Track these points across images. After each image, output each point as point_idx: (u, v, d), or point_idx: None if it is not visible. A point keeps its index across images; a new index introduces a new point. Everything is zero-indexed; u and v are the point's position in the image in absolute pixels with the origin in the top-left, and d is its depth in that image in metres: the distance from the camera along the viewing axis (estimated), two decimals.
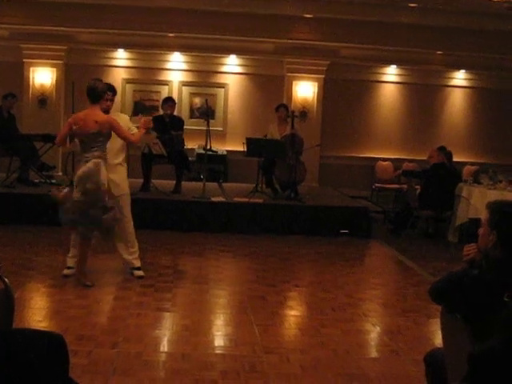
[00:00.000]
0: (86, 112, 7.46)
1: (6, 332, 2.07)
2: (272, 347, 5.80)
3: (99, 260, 8.63)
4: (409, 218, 12.10)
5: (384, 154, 15.96)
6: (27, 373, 1.96)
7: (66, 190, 7.52)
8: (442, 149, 12.22)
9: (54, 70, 14.79)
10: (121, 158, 8.00)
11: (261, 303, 7.24)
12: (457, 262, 4.05)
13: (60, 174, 13.41)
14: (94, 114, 7.39)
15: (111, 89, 7.88)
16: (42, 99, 14.69)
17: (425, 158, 12.61)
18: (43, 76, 14.76)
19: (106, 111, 7.62)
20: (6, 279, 2.77)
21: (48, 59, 14.72)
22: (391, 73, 16.19)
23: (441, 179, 11.74)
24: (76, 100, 11.94)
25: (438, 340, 5.20)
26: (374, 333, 6.63)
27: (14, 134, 12.32)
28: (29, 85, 14.73)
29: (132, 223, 8.02)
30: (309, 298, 7.90)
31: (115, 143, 7.70)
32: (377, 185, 15.33)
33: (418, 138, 16.03)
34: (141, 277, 7.97)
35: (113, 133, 7.48)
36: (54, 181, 12.33)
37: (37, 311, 6.80)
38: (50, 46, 14.48)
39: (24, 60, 14.69)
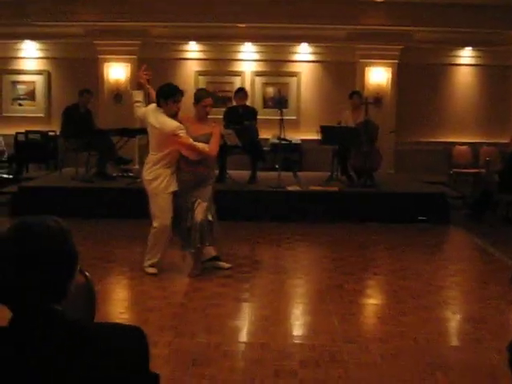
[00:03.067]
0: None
1: (90, 326, 2.10)
2: (351, 336, 5.78)
3: (177, 252, 8.72)
4: (488, 203, 11.85)
5: (461, 139, 15.66)
6: (110, 367, 1.98)
7: None
8: None
9: (128, 65, 14.97)
10: None
11: (339, 292, 7.21)
12: None
13: (137, 167, 13.59)
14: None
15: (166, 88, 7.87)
16: (117, 94, 14.89)
17: (503, 141, 12.32)
18: (118, 71, 14.96)
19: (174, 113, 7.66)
20: (86, 273, 2.81)
21: (122, 55, 14.91)
22: (466, 55, 15.88)
23: None
24: (150, 94, 12.04)
25: None
26: (454, 321, 6.53)
27: (91, 129, 12.53)
28: (104, 80, 14.97)
29: None
30: (387, 286, 7.83)
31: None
32: (454, 170, 15.06)
33: (496, 120, 15.69)
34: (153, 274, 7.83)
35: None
36: (131, 174, 12.51)
37: (118, 303, 6.94)
38: (123, 42, 14.65)
39: (98, 56, 14.92)
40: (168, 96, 7.48)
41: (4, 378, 1.91)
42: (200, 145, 7.43)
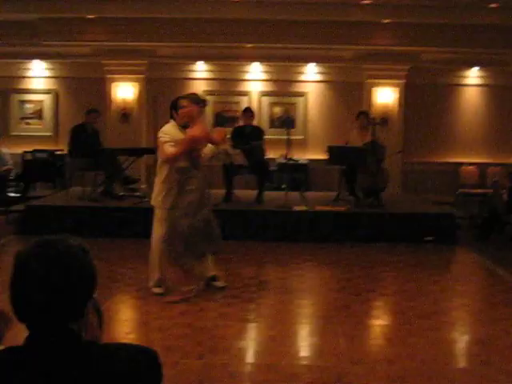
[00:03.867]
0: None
1: (99, 346, 2.10)
2: (358, 358, 5.74)
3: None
4: (496, 224, 11.81)
5: (468, 159, 15.65)
6: None
7: None
8: None
9: (136, 84, 15.03)
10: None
11: (346, 313, 7.18)
12: None
13: (144, 186, 13.60)
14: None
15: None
16: (125, 114, 14.94)
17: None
18: (125, 91, 15.02)
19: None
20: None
21: (129, 74, 14.98)
22: (473, 75, 15.90)
23: None
24: (158, 114, 12.10)
25: None
26: (462, 342, 6.49)
27: (99, 148, 12.56)
28: (111, 100, 15.03)
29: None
30: (394, 306, 7.79)
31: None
32: (461, 190, 15.03)
33: (504, 141, 15.68)
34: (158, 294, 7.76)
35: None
36: (138, 193, 12.52)
37: (125, 323, 6.91)
38: (130, 61, 14.74)
39: (106, 76, 15.00)
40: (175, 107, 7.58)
41: None
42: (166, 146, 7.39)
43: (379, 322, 7.23)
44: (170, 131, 7.50)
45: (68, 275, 1.96)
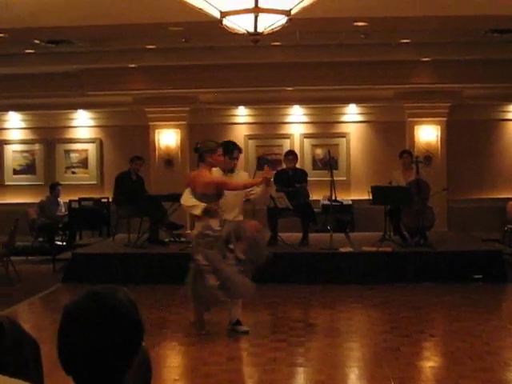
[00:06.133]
0: (196, 173, 7.70)
1: None
2: None
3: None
4: None
5: None
6: None
7: None
8: None
9: (178, 131, 15.19)
10: (234, 213, 8.05)
11: (395, 355, 7.07)
12: None
13: (189, 231, 13.64)
14: (201, 174, 7.57)
15: (224, 145, 8.00)
16: (168, 160, 15.07)
17: None
18: (168, 137, 15.17)
19: (231, 169, 7.77)
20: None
21: (172, 121, 15.16)
22: None
23: None
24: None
25: None
26: None
27: (143, 195, 12.67)
28: (155, 147, 15.18)
29: None
30: (445, 347, 7.66)
31: (230, 198, 7.83)
32: (509, 226, 14.80)
33: None
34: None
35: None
36: (183, 239, 12.55)
37: (173, 370, 6.90)
38: (172, 109, 14.92)
39: (149, 123, 15.19)
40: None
41: None
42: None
43: (430, 364, 7.11)
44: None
45: (115, 329, 1.97)
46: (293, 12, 5.06)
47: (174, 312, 9.28)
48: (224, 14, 5.04)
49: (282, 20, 5.11)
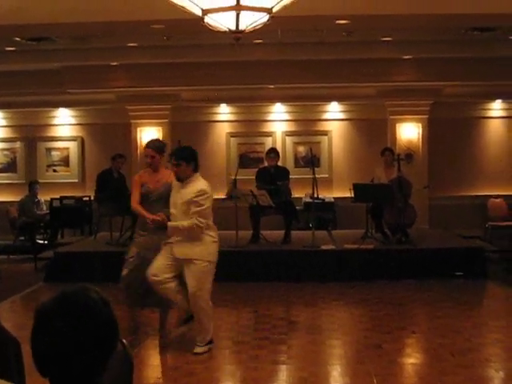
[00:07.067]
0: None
1: None
2: None
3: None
4: None
5: (495, 191, 15.51)
6: None
7: None
8: None
9: (160, 128, 15.17)
10: None
11: (378, 352, 7.09)
12: None
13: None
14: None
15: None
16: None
17: None
18: (150, 135, 14.95)
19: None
20: (123, 340, 2.79)
21: (154, 119, 15.15)
22: (496, 108, 15.84)
23: None
24: None
25: None
26: (498, 379, 6.38)
27: (125, 193, 12.62)
28: (137, 145, 15.15)
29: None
30: (427, 344, 7.70)
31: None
32: (490, 223, 14.88)
33: None
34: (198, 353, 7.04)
35: None
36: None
37: (155, 368, 6.88)
38: (154, 106, 14.91)
39: (131, 121, 15.16)
40: None
41: None
42: None
43: (412, 361, 7.13)
44: None
45: (88, 330, 1.95)
46: (274, 10, 5.05)
47: (156, 310, 9.23)
48: (206, 12, 5.02)
49: (263, 18, 5.10)
